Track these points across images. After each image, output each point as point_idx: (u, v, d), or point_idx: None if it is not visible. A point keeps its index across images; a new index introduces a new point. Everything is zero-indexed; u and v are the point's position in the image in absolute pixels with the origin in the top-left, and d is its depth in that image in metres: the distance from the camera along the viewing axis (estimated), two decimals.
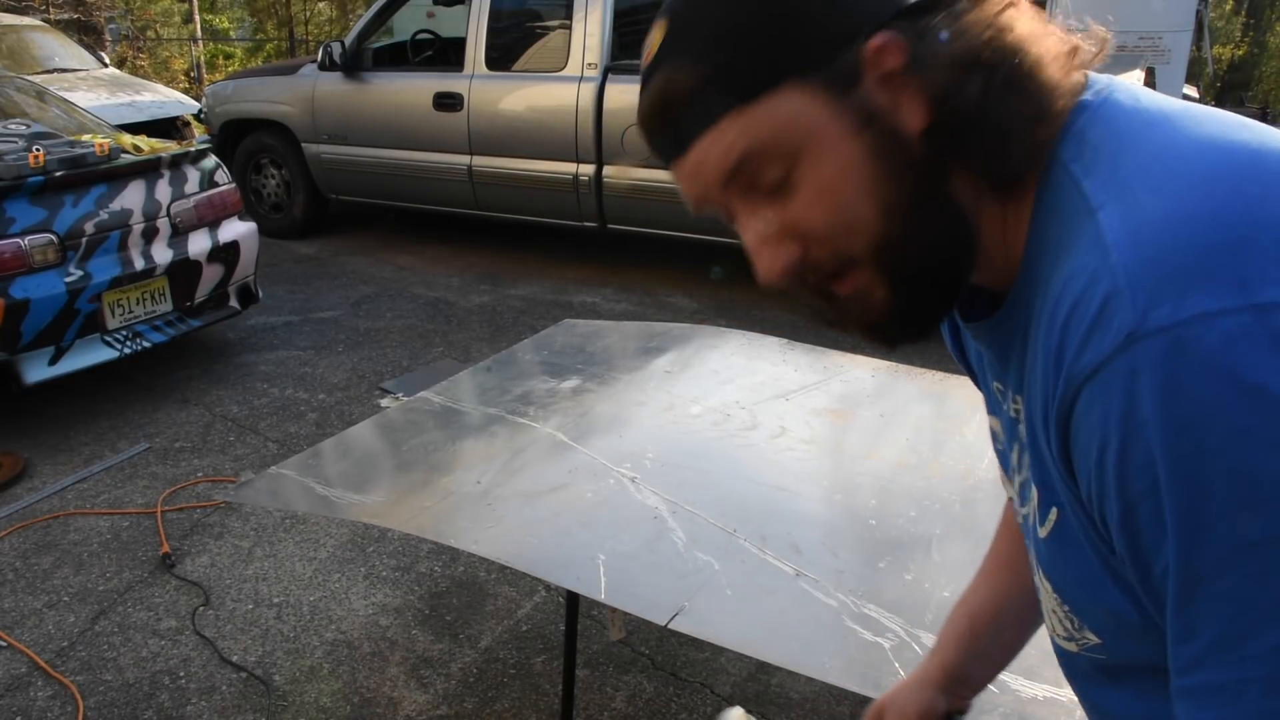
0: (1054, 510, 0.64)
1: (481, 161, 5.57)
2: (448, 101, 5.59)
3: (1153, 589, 0.54)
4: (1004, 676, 1.20)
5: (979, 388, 0.83)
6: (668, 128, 0.63)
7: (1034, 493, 0.66)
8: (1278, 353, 0.47)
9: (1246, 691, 0.49)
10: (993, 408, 0.77)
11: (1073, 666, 0.74)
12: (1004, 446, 0.76)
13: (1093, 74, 0.63)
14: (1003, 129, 0.59)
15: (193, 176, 4.12)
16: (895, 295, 0.62)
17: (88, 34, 12.22)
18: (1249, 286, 0.48)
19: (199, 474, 3.39)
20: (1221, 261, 0.49)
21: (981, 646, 0.97)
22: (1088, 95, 0.61)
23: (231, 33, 17.63)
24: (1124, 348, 0.50)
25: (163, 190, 3.96)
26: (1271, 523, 0.47)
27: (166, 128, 7.10)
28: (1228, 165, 0.53)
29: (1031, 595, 0.93)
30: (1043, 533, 0.67)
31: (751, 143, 0.59)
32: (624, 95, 5.06)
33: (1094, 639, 0.67)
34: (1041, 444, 0.61)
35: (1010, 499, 1.00)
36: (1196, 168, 0.53)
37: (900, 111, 0.59)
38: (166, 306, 3.98)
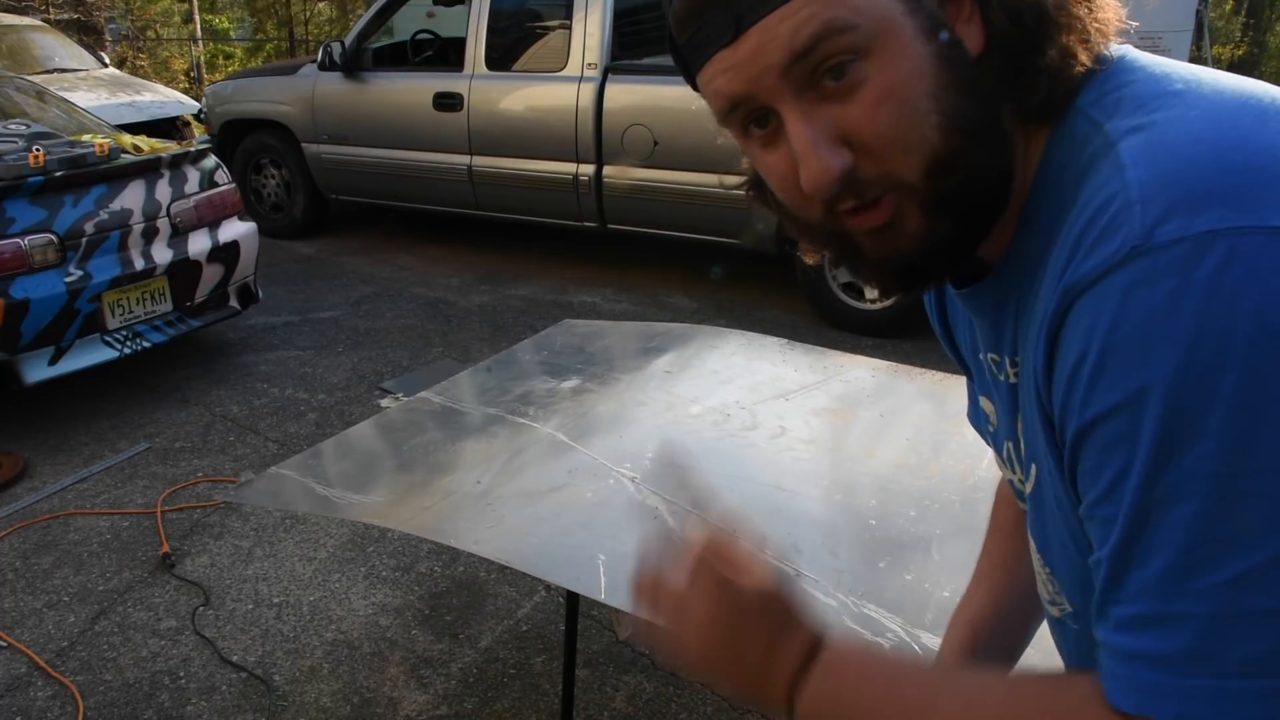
0: (1034, 466, 0.64)
1: (481, 161, 5.57)
2: (448, 101, 5.59)
3: (1088, 515, 0.54)
4: None
5: (965, 367, 0.83)
6: (728, 4, 0.57)
7: (1025, 451, 0.66)
8: None
9: (1184, 627, 0.48)
10: (983, 387, 0.77)
11: (1060, 636, 0.74)
12: (996, 426, 0.76)
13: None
14: (1048, 65, 0.59)
15: (193, 176, 4.12)
16: (928, 224, 0.59)
17: (88, 34, 12.22)
18: (1264, 209, 0.47)
19: (199, 474, 3.39)
20: (1238, 183, 0.48)
21: (986, 652, 0.97)
22: (1104, 51, 0.61)
23: (231, 33, 17.63)
24: (1127, 260, 0.49)
25: (163, 190, 3.96)
26: (1242, 454, 0.46)
27: (166, 128, 7.10)
28: (1247, 106, 0.53)
29: (1028, 592, 0.94)
30: (1027, 489, 0.67)
31: (825, 25, 0.55)
32: (624, 95, 5.06)
33: (1069, 605, 0.68)
34: (1029, 380, 0.60)
35: (997, 495, 1.00)
36: (1216, 105, 0.53)
37: (962, 30, 0.59)
38: (166, 306, 3.98)
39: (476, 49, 5.54)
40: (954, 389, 2.17)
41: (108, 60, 9.00)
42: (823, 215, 0.61)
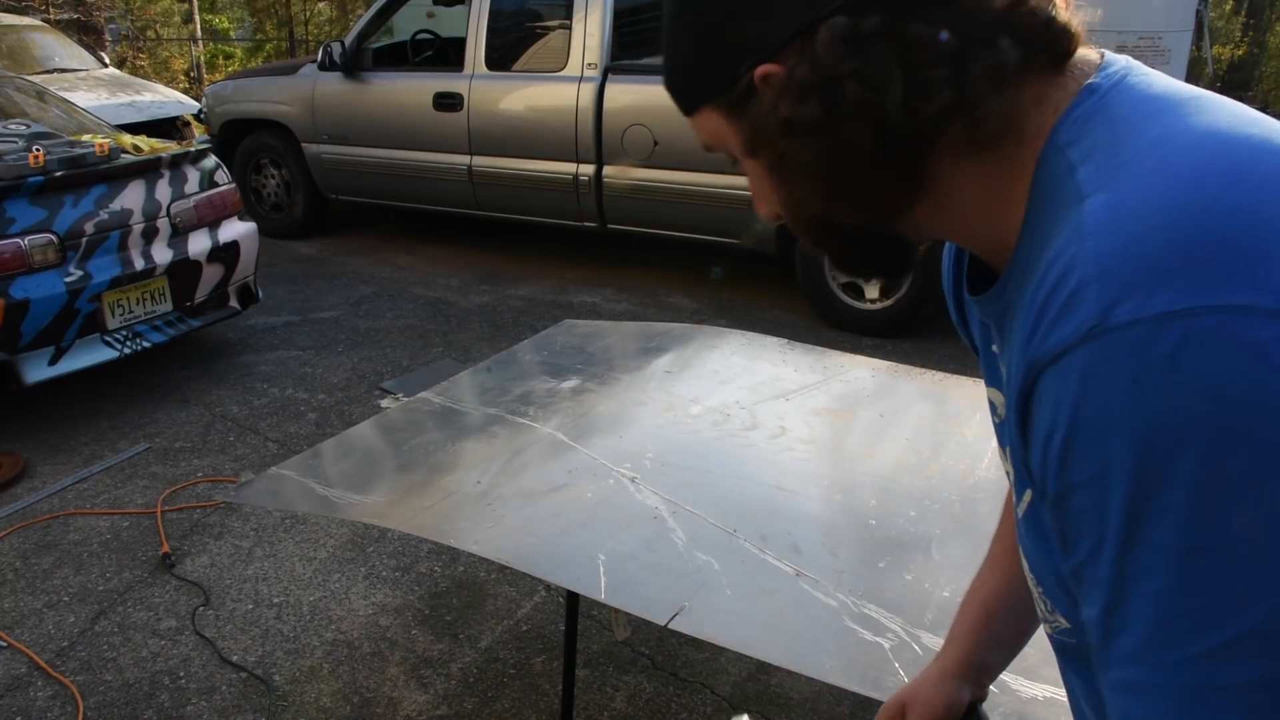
0: (1027, 491, 0.65)
1: (481, 161, 5.57)
2: (448, 101, 5.59)
3: (1073, 574, 0.55)
4: (1004, 676, 1.20)
5: (979, 357, 0.84)
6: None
7: (1015, 476, 0.68)
8: (1238, 357, 0.46)
9: (1165, 697, 0.50)
10: (993, 379, 0.78)
11: (1054, 649, 0.75)
12: (1004, 418, 0.77)
13: (1111, 55, 0.63)
14: (868, 147, 0.61)
15: (193, 176, 4.12)
16: (830, 252, 0.73)
17: (88, 34, 12.22)
18: (1218, 287, 0.47)
19: (199, 474, 3.39)
20: (1194, 258, 0.48)
21: (998, 633, 0.98)
22: (1098, 78, 0.60)
23: (231, 33, 17.63)
24: (1085, 340, 0.50)
25: (163, 190, 3.96)
26: (1206, 531, 0.47)
27: (166, 128, 7.10)
28: (1222, 160, 0.52)
29: None
30: (1019, 512, 0.68)
31: (702, 141, 0.73)
32: (624, 95, 5.06)
33: (1064, 622, 0.69)
34: (1011, 424, 0.62)
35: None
36: (1190, 160, 0.52)
37: (783, 144, 0.66)
38: (166, 306, 3.98)
39: (476, 49, 5.53)
40: (954, 389, 2.17)
41: (108, 60, 9.00)
42: None
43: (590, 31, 5.16)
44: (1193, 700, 0.49)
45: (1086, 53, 0.63)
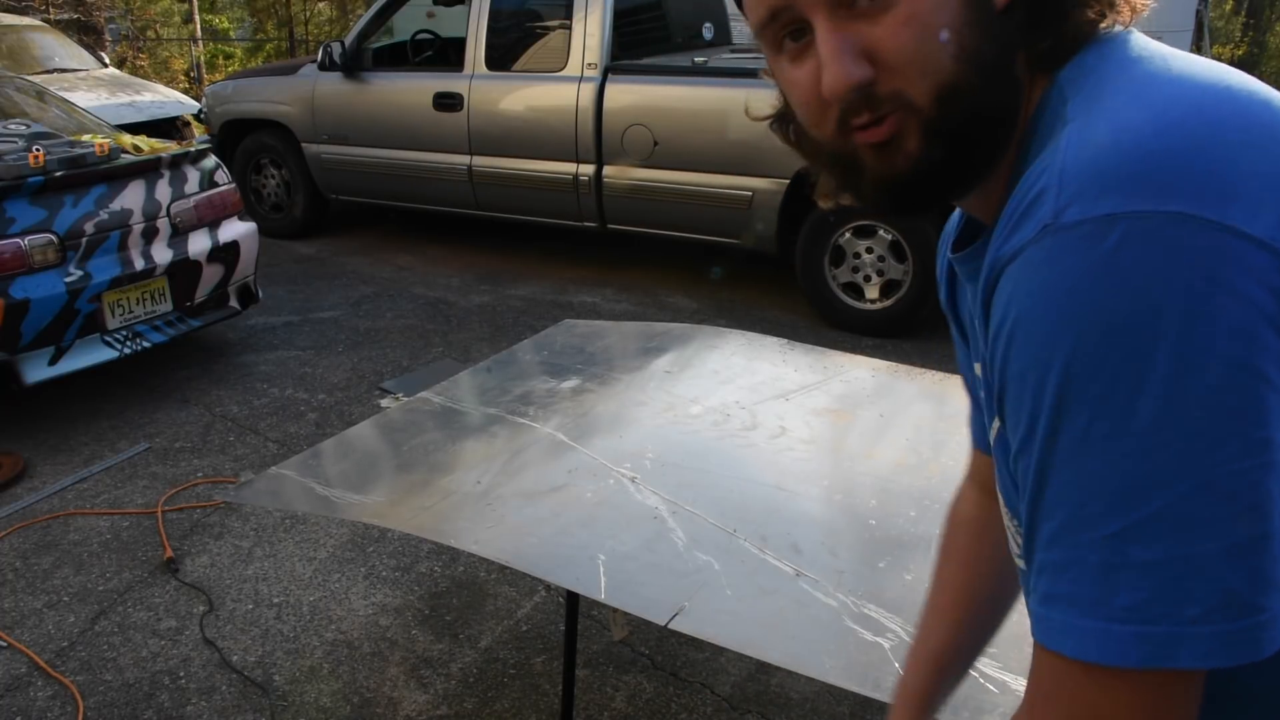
0: (996, 419, 0.67)
1: (481, 161, 5.57)
2: (448, 101, 5.59)
3: (1016, 467, 0.58)
4: (1004, 676, 1.21)
5: (964, 335, 0.84)
6: None
7: (986, 407, 0.71)
8: (1169, 260, 0.49)
9: (1082, 574, 0.53)
10: (979, 353, 0.79)
11: (1025, 591, 0.77)
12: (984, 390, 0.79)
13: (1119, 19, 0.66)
14: (1066, 26, 0.62)
15: (193, 176, 4.12)
16: (924, 148, 0.62)
17: (88, 34, 12.22)
18: (1164, 197, 0.50)
19: (199, 474, 3.39)
20: (1147, 169, 0.51)
21: (950, 680, 1.00)
22: (1113, 28, 0.63)
23: (231, 33, 17.64)
24: (1038, 238, 0.53)
25: (163, 190, 3.96)
26: (1122, 419, 0.51)
27: (166, 128, 7.10)
28: (1193, 97, 0.55)
29: (987, 618, 0.98)
30: (991, 438, 0.71)
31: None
32: (624, 95, 5.06)
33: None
34: (979, 337, 0.65)
35: (950, 522, 1.03)
36: (1164, 93, 0.56)
37: None
38: (166, 307, 3.98)
39: (476, 49, 5.53)
40: (954, 389, 2.17)
41: (108, 60, 9.00)
42: (835, 132, 0.64)
43: (590, 31, 5.16)
44: (1105, 576, 0.52)
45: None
